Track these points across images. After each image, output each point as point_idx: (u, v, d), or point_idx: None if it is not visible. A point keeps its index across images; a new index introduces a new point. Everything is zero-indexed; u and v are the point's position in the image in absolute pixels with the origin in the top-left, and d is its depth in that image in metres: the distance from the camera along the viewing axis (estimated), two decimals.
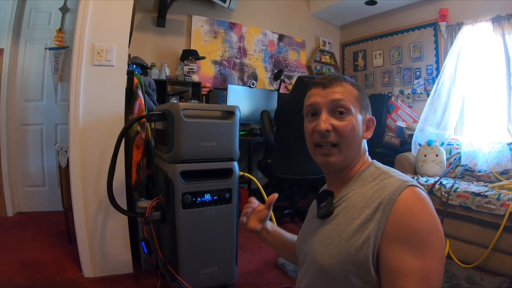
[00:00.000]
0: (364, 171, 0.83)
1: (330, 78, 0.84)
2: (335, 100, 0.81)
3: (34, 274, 1.91)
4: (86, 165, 1.89)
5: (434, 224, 0.68)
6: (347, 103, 0.80)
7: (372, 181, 0.78)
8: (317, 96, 0.83)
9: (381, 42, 4.41)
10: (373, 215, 0.71)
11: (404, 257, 0.65)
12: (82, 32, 1.88)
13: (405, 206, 0.68)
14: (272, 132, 2.78)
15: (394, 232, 0.67)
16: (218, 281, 1.78)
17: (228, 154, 1.77)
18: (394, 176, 0.76)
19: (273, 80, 3.99)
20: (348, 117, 0.80)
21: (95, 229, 1.94)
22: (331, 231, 0.79)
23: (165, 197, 1.68)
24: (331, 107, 0.81)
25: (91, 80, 1.91)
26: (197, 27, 3.64)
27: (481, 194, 2.19)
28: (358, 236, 0.71)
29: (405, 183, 0.71)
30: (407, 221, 0.67)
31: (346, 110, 0.80)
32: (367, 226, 0.71)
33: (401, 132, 3.70)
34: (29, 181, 3.07)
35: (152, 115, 1.72)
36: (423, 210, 0.68)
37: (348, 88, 0.83)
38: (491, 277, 2.01)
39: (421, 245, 0.65)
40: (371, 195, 0.74)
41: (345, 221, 0.76)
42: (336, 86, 0.82)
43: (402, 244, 0.66)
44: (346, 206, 0.79)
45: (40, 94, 3.10)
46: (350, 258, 0.71)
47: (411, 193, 0.70)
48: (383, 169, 0.81)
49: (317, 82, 0.86)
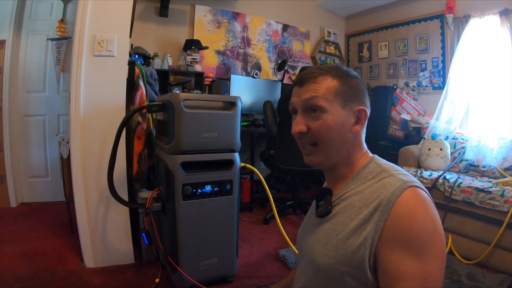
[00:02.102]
0: (363, 168, 0.79)
1: (307, 74, 0.79)
2: (306, 99, 0.77)
3: (36, 264, 1.92)
4: (87, 156, 1.89)
5: (435, 227, 0.65)
6: (319, 101, 0.75)
7: (372, 179, 0.76)
8: (294, 95, 0.80)
9: (387, 34, 4.34)
10: (370, 216, 0.69)
11: (403, 260, 0.63)
12: (82, 22, 1.86)
13: (406, 209, 0.65)
14: (275, 123, 2.76)
15: (393, 235, 0.65)
16: (218, 272, 1.79)
17: (229, 145, 1.76)
18: (395, 175, 0.73)
19: (277, 71, 3.95)
20: (323, 115, 0.75)
21: (97, 220, 1.94)
22: (328, 230, 0.77)
23: (166, 188, 1.68)
24: (303, 106, 0.78)
25: (92, 71, 1.89)
26: (200, 17, 3.60)
27: (485, 190, 2.16)
28: (355, 238, 0.70)
29: (405, 183, 0.69)
30: (407, 224, 0.64)
31: (319, 108, 0.75)
32: (365, 228, 0.69)
33: (405, 125, 3.66)
34: (32, 172, 3.08)
35: (153, 106, 1.71)
36: (424, 213, 0.65)
37: (325, 83, 0.76)
38: (492, 274, 1.99)
39: (421, 248, 0.63)
40: (370, 195, 0.72)
41: (343, 221, 0.75)
42: (310, 84, 0.77)
43: (401, 248, 0.64)
44: (345, 206, 0.76)
45: (42, 85, 3.09)
46: (347, 259, 0.70)
47: (412, 195, 0.67)
48: (384, 166, 0.77)
49: (296, 79, 0.82)
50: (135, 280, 1.83)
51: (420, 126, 3.42)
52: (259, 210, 3.25)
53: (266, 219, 2.89)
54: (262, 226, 2.82)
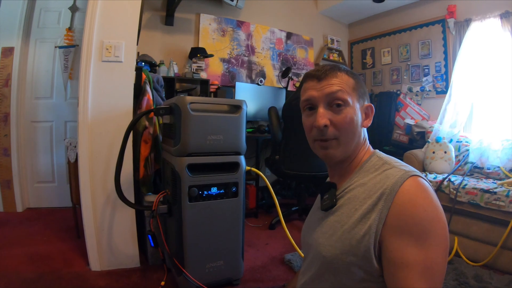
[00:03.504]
0: (366, 162, 0.82)
1: (325, 69, 0.81)
2: (332, 93, 0.78)
3: (41, 267, 1.92)
4: (94, 159, 1.91)
5: (437, 214, 0.67)
6: (343, 95, 0.78)
7: (374, 171, 0.78)
8: (313, 90, 0.81)
9: (389, 40, 4.37)
10: (374, 205, 0.70)
11: (406, 247, 0.64)
12: (91, 29, 1.91)
13: (407, 197, 0.67)
14: (280, 128, 2.77)
15: (396, 223, 0.66)
16: (224, 275, 1.79)
17: (234, 148, 1.77)
18: (397, 166, 0.75)
19: (281, 78, 3.98)
20: (346, 109, 0.78)
21: (103, 223, 1.95)
22: (334, 222, 0.78)
23: (172, 190, 1.69)
24: (327, 100, 0.79)
25: (100, 76, 1.92)
26: (205, 25, 3.66)
27: (490, 191, 2.15)
28: (360, 227, 0.71)
29: (407, 173, 0.71)
30: (409, 211, 0.66)
31: (343, 102, 0.78)
32: (369, 217, 0.70)
33: (409, 129, 3.66)
34: (38, 177, 3.11)
35: (160, 109, 1.73)
36: (426, 200, 0.67)
37: (344, 78, 0.80)
38: (500, 275, 1.98)
39: (424, 235, 0.64)
40: (373, 186, 0.74)
41: (347, 212, 0.76)
42: (331, 78, 0.80)
43: (404, 235, 0.65)
44: (349, 197, 0.78)
45: (50, 91, 3.13)
46: (352, 249, 0.71)
47: (414, 183, 0.69)
48: (386, 159, 0.80)
49: (311, 74, 0.83)
50: (141, 284, 1.83)
51: (424, 131, 3.42)
52: (264, 216, 3.25)
53: (272, 224, 2.88)
54: (268, 231, 2.82)
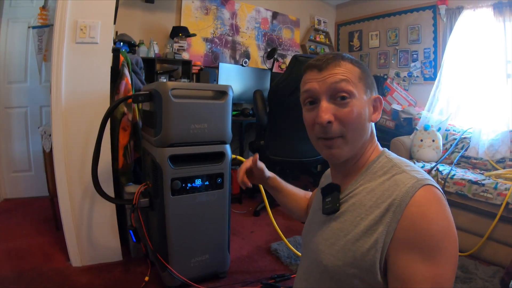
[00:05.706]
0: (374, 162, 0.73)
1: (326, 58, 0.71)
2: (334, 83, 0.69)
3: (21, 264, 1.84)
4: (70, 149, 1.80)
5: (449, 229, 0.60)
6: (348, 86, 0.68)
7: (382, 175, 0.69)
8: (313, 81, 0.71)
9: (378, 23, 4.29)
10: (382, 217, 0.63)
11: (415, 264, 0.58)
12: (63, 7, 1.75)
13: (419, 209, 0.60)
14: (265, 112, 2.69)
15: (405, 238, 0.60)
16: (209, 269, 1.74)
17: (220, 137, 1.68)
18: (407, 171, 0.67)
19: (266, 59, 3.87)
20: (352, 102, 0.69)
21: (82, 216, 1.86)
22: (336, 230, 0.71)
23: (153, 183, 1.60)
24: (330, 92, 0.69)
25: (74, 59, 1.78)
26: (187, 3, 3.49)
27: (478, 183, 2.15)
28: (365, 240, 0.64)
29: (419, 181, 0.63)
30: (419, 225, 0.59)
31: (348, 94, 0.68)
32: (376, 229, 0.63)
33: (396, 115, 3.63)
34: (14, 166, 2.96)
35: (139, 96, 1.62)
36: (438, 214, 0.60)
37: (348, 67, 0.70)
38: (485, 266, 2.00)
39: (434, 251, 0.58)
40: (381, 193, 0.66)
41: (352, 220, 0.69)
42: (334, 67, 0.70)
43: (413, 250, 0.59)
44: (354, 203, 0.70)
45: (23, 75, 2.95)
46: (356, 261, 0.64)
47: (426, 194, 0.62)
48: (395, 161, 0.71)
49: (311, 64, 0.73)
50: (124, 279, 1.77)
51: (411, 117, 3.40)
52: (248, 201, 3.20)
53: (257, 211, 2.84)
54: (252, 218, 2.78)
